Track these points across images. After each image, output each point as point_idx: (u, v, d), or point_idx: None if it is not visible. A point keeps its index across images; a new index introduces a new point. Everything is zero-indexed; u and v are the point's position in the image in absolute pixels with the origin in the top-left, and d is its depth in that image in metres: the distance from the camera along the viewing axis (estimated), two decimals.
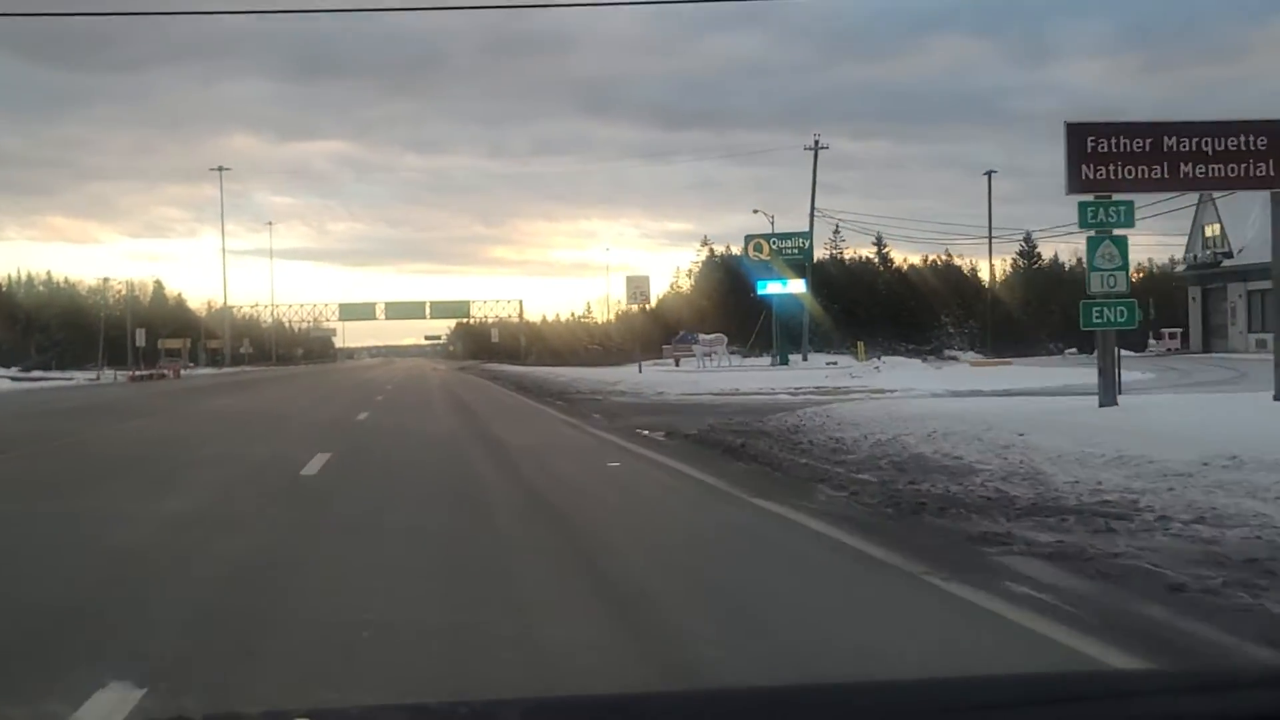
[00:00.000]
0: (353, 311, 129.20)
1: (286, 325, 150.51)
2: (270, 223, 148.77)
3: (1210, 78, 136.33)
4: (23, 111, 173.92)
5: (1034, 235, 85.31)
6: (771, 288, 55.99)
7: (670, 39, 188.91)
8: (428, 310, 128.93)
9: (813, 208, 59.25)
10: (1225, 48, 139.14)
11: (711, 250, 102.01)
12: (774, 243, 55.87)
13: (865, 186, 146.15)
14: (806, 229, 59.20)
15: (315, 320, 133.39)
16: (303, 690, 3.92)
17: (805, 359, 59.02)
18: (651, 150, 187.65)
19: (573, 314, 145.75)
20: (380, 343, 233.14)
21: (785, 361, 55.65)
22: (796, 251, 56.38)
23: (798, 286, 56.00)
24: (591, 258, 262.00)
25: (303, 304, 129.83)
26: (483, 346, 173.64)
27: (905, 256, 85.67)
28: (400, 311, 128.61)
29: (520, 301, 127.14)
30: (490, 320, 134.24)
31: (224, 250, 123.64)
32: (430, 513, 8.59)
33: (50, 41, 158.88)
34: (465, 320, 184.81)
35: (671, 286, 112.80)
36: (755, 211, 62.16)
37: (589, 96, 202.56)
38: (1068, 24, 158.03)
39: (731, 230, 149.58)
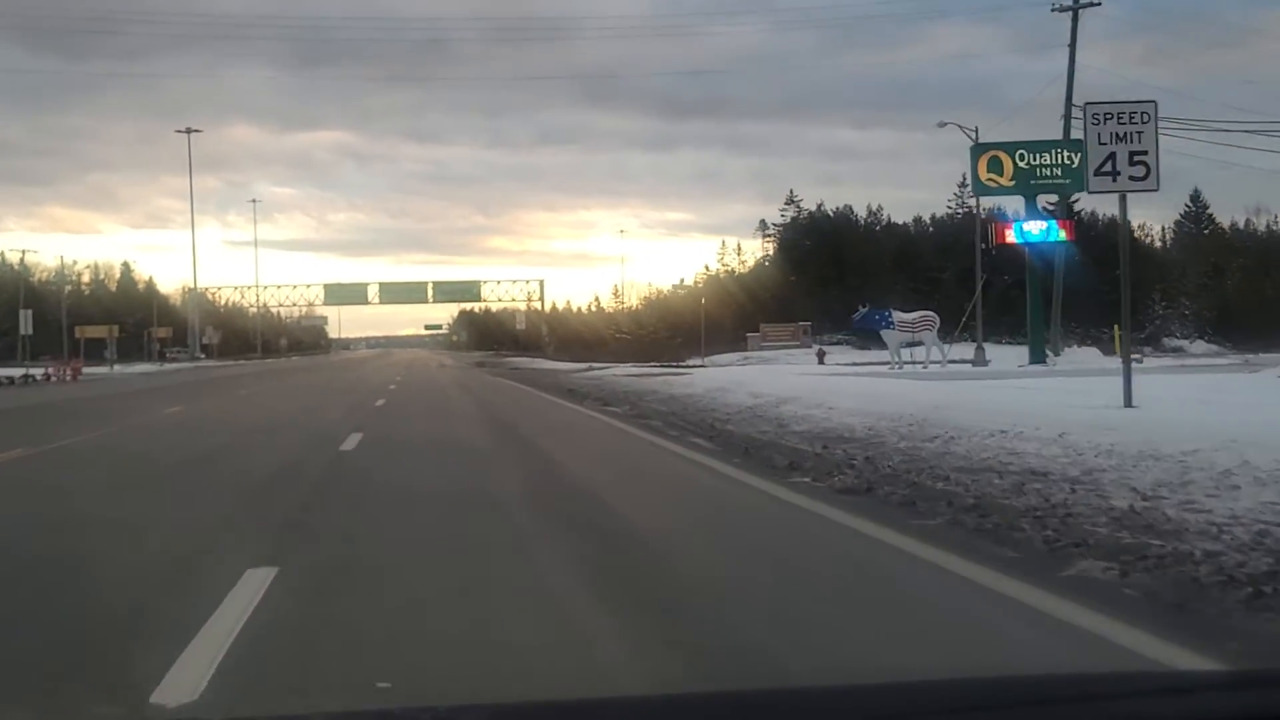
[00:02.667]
0: (341, 294, 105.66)
1: (274, 313, 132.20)
2: (254, 200, 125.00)
3: (1217, 63, 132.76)
4: (24, 101, 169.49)
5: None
6: (1009, 233, 32.98)
7: (674, 27, 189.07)
8: (430, 293, 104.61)
9: (1069, 102, 36.23)
10: (1232, 32, 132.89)
11: (797, 210, 79.03)
12: (1024, 157, 32.76)
13: (864, 176, 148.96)
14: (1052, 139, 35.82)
15: (306, 306, 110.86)
16: None
17: (1058, 353, 36.26)
18: (653, 140, 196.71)
19: (596, 299, 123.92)
20: (379, 333, 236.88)
21: (1041, 358, 32.90)
22: (1060, 175, 33.15)
23: (1060, 231, 33.07)
24: (590, 248, 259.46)
25: (279, 285, 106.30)
26: (489, 336, 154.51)
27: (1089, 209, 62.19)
28: (397, 294, 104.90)
29: (541, 283, 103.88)
30: (505, 304, 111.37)
31: (193, 223, 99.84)
32: None
33: (52, 31, 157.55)
34: (469, 309, 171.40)
35: (711, 268, 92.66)
36: (942, 124, 38.28)
37: (592, 86, 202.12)
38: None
39: (730, 220, 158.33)
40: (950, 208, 76.01)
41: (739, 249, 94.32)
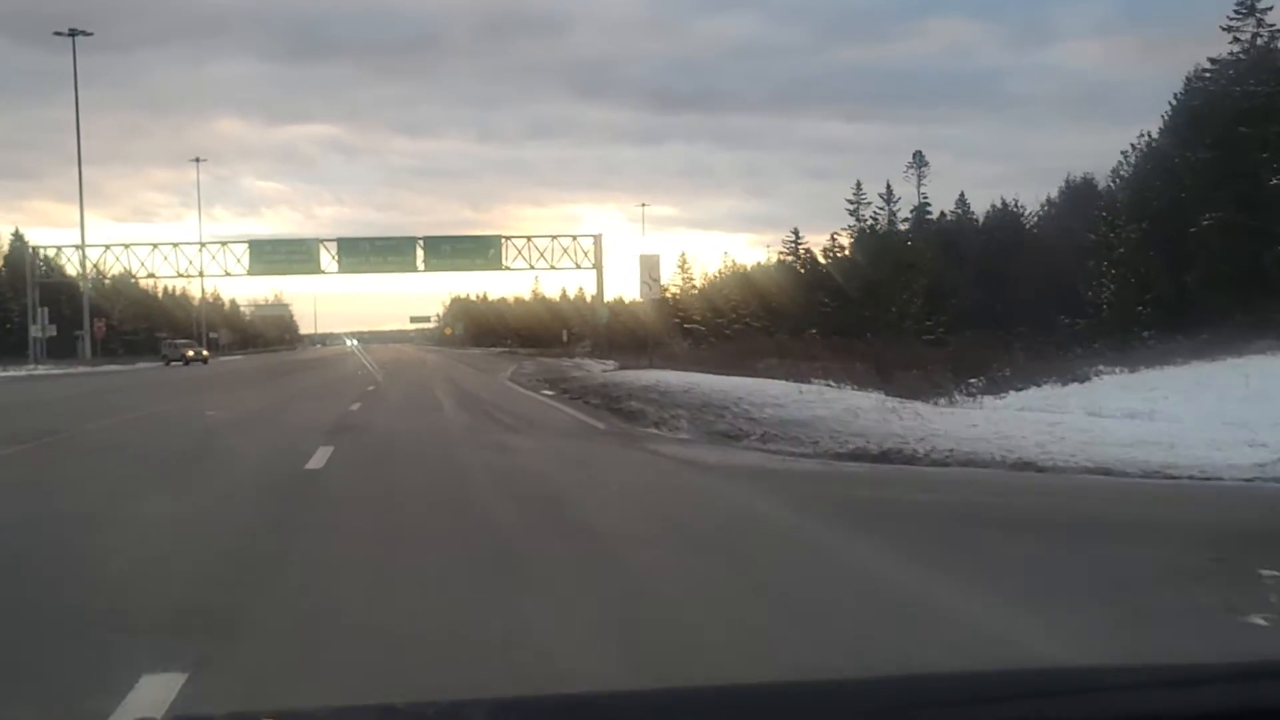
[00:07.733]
0: (276, 256, 66.31)
1: (223, 300, 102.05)
2: (198, 159, 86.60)
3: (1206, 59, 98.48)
4: (7, 94, 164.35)
5: None
6: None
7: (666, 20, 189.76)
8: (419, 257, 64.60)
9: None
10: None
11: (1247, 42, 38.20)
12: None
13: (856, 170, 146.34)
14: None
15: (230, 275, 71.39)
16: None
17: None
18: (642, 134, 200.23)
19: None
20: (365, 328, 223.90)
21: None
22: None
23: None
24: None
25: (176, 244, 65.43)
26: (488, 330, 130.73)
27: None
28: (366, 258, 65.02)
29: (598, 239, 64.41)
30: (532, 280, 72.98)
31: (79, 150, 60.47)
32: None
33: (35, 22, 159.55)
34: (464, 296, 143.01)
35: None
36: None
37: (581, 79, 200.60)
38: (1065, 5, 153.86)
39: (716, 216, 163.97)
40: None
41: (890, 191, 61.63)
